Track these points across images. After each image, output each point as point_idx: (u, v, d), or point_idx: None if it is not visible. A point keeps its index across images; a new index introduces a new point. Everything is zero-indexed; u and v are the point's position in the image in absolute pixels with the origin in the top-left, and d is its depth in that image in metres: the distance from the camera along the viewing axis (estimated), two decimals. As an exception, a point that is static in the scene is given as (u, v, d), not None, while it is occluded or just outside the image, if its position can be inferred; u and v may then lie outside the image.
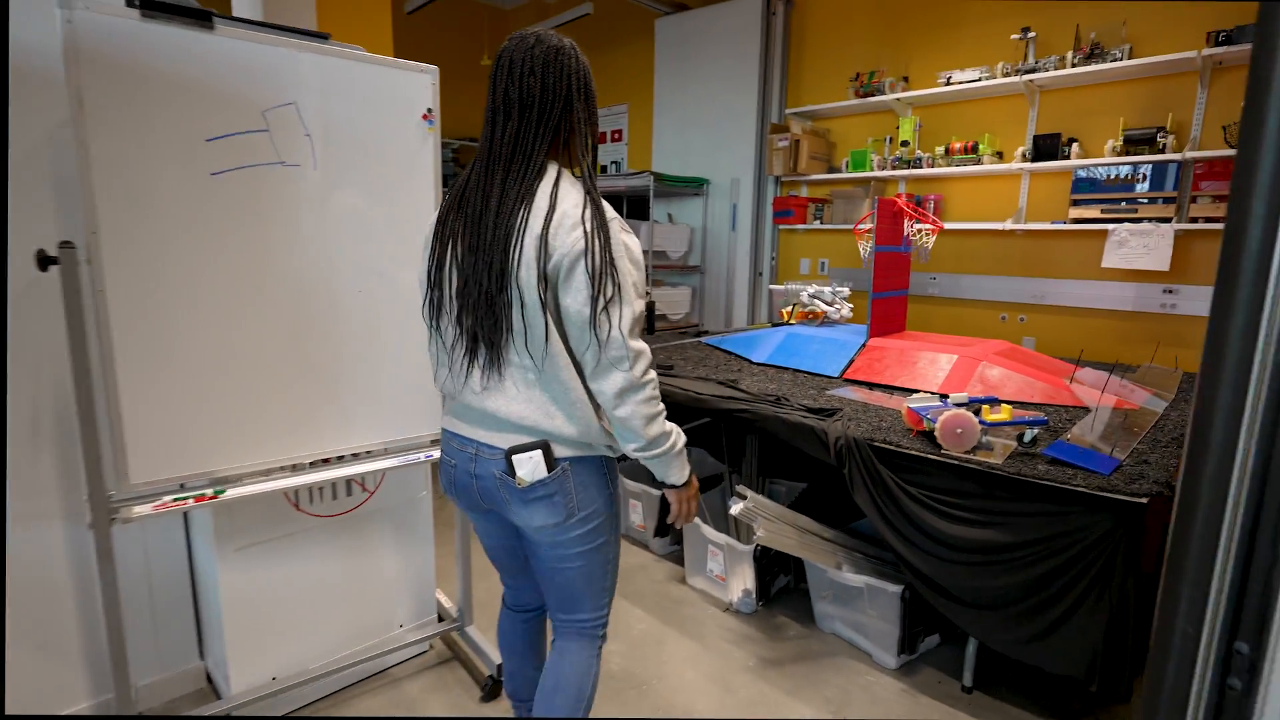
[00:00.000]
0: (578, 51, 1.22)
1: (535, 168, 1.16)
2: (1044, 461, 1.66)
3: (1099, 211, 3.26)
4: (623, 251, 1.15)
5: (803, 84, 4.45)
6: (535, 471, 1.19)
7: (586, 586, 1.32)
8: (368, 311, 1.67)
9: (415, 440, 1.79)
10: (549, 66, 1.17)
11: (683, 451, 1.25)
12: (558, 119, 1.18)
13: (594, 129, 1.25)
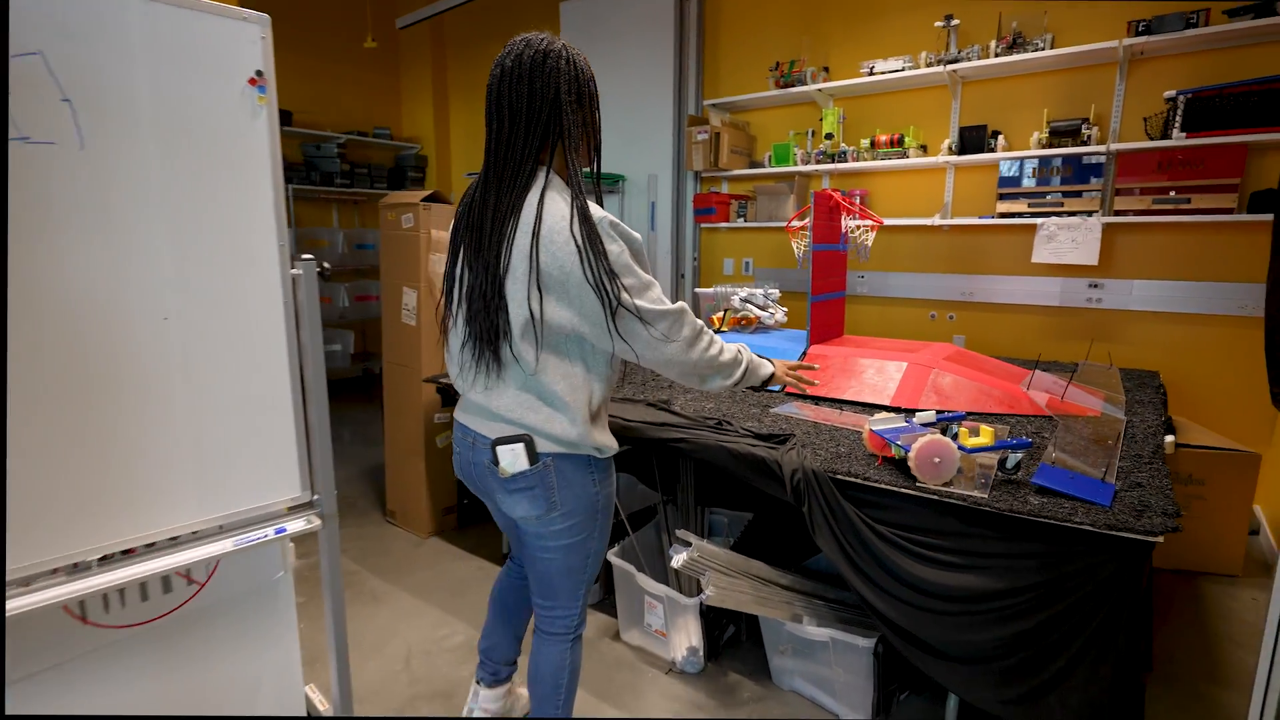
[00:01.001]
0: (569, 54, 1.21)
1: (524, 176, 1.19)
2: (1033, 492, 1.43)
3: (1026, 205, 3.18)
4: (620, 249, 1.17)
5: (720, 73, 4.21)
6: (516, 463, 1.25)
7: (564, 579, 1.37)
8: (181, 344, 1.23)
9: (263, 511, 1.36)
10: (535, 71, 1.18)
11: (751, 355, 1.38)
12: (545, 125, 1.19)
13: (591, 132, 1.26)
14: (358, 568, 2.60)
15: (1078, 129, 2.99)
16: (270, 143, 1.28)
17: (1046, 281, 3.24)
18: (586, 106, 1.24)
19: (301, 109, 5.31)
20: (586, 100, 1.24)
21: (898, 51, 3.45)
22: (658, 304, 1.19)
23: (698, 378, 1.30)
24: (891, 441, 1.55)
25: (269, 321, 1.33)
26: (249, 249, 1.28)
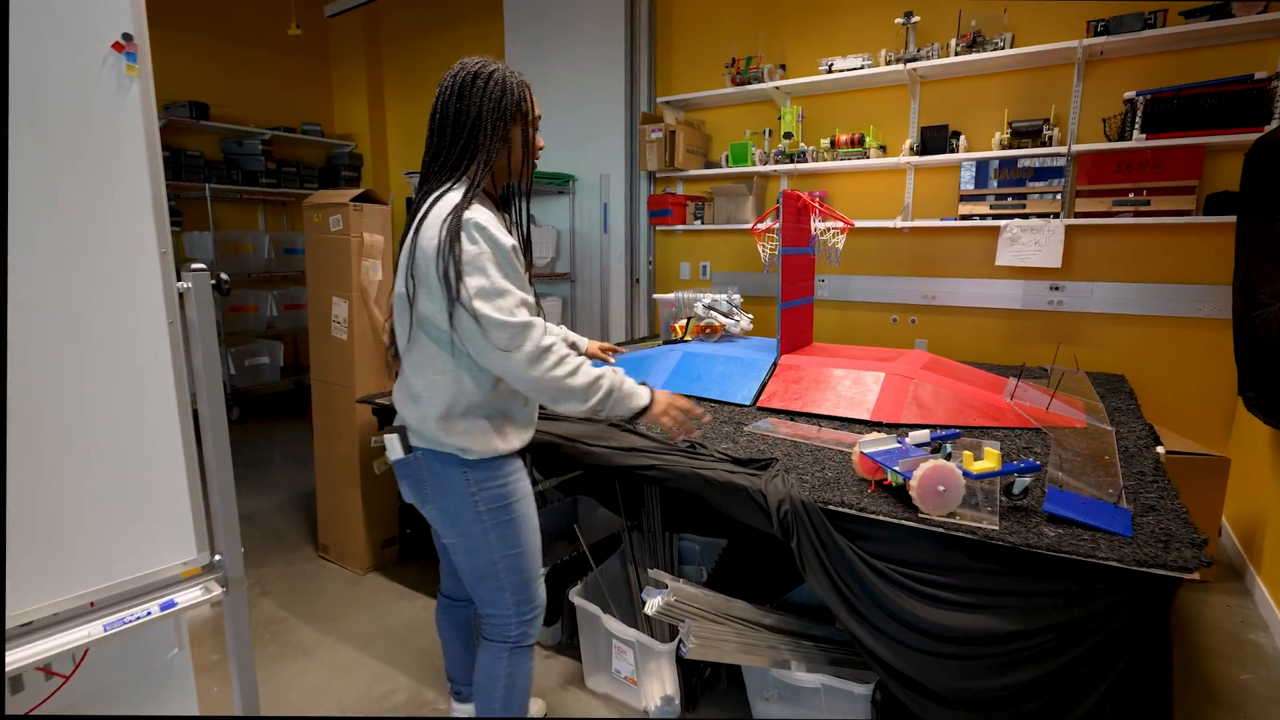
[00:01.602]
0: (501, 76, 1.29)
1: (439, 189, 1.29)
2: (1045, 520, 1.30)
3: (988, 207, 3.12)
4: (479, 251, 1.21)
5: (673, 69, 4.05)
6: (393, 451, 1.37)
7: (476, 582, 1.42)
8: (33, 378, 0.96)
9: (147, 580, 1.10)
10: (464, 91, 1.28)
11: (622, 382, 1.34)
12: (466, 140, 1.29)
13: (516, 146, 1.33)
14: (285, 614, 2.31)
15: (1039, 129, 2.94)
16: (146, 125, 1.02)
17: (1008, 284, 3.20)
18: (512, 123, 1.31)
19: (220, 101, 4.90)
20: (512, 118, 1.30)
21: (857, 49, 3.36)
22: (503, 313, 1.20)
23: (547, 397, 1.30)
24: (888, 467, 1.40)
25: (151, 346, 1.07)
26: (120, 258, 1.02)
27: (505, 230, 1.27)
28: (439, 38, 5.13)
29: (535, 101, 1.36)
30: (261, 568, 2.64)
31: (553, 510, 2.55)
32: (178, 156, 4.70)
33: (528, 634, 1.45)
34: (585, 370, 1.29)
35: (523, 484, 1.41)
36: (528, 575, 1.43)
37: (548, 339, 1.24)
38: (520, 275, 1.26)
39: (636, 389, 1.37)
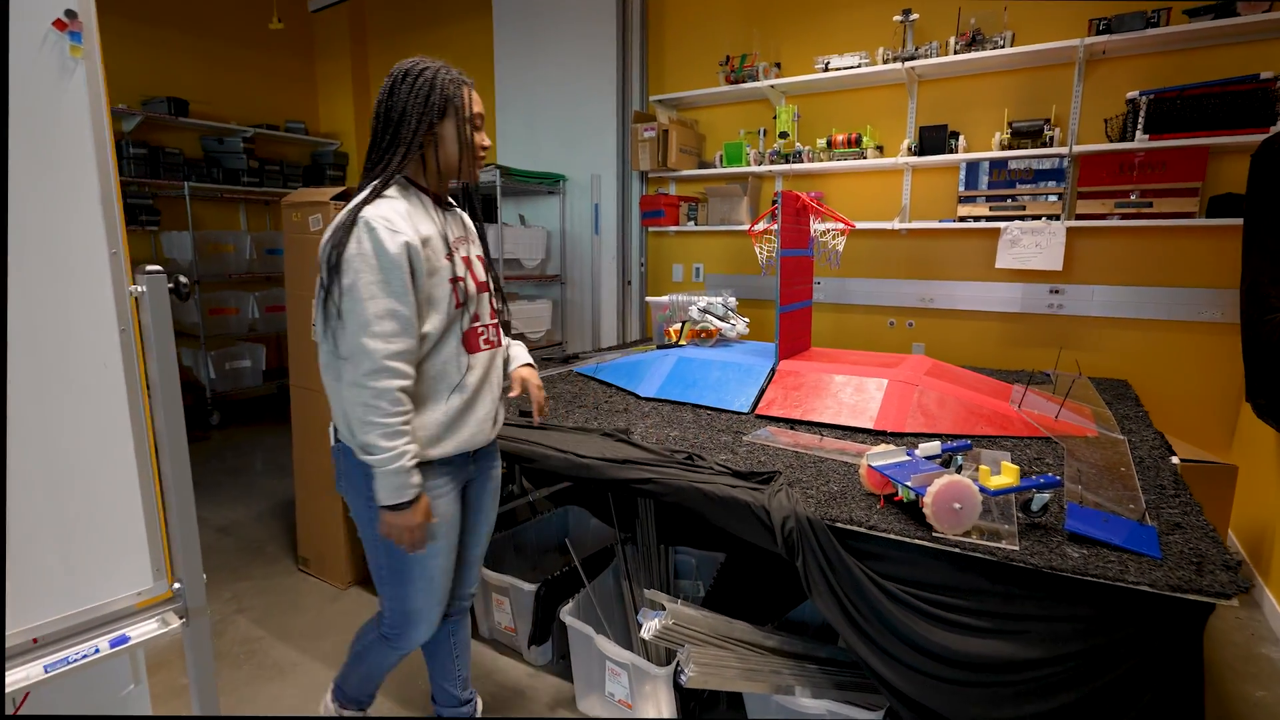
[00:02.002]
0: (426, 74, 1.29)
1: (365, 186, 1.30)
2: (1067, 539, 1.22)
3: (987, 209, 3.06)
4: (358, 253, 1.20)
5: (666, 67, 3.97)
6: (332, 439, 1.39)
7: (373, 570, 1.42)
8: (-42, 395, 0.86)
9: (96, 613, 1.00)
10: (392, 92, 1.30)
11: (401, 472, 1.23)
12: (388, 140, 1.30)
13: (444, 145, 1.32)
14: (262, 633, 2.20)
15: (1039, 130, 2.89)
16: (93, 113, 0.93)
17: (1007, 287, 3.14)
18: (440, 120, 1.30)
19: (201, 98, 4.77)
20: (440, 114, 1.30)
21: (853, 47, 3.30)
22: (368, 320, 1.19)
23: (354, 420, 1.24)
24: (899, 482, 1.32)
25: (101, 355, 0.97)
26: (64, 260, 0.92)
27: (413, 228, 1.24)
28: (426, 35, 5.02)
29: (474, 100, 1.33)
30: (238, 582, 2.53)
31: (543, 522, 2.46)
32: (156, 154, 4.57)
33: (389, 641, 1.46)
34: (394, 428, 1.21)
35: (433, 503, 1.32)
36: (404, 603, 1.40)
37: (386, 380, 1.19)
38: (401, 283, 1.20)
39: (408, 485, 1.23)
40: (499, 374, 1.46)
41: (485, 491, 1.52)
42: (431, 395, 1.31)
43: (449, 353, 1.32)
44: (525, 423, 2.00)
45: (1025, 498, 1.29)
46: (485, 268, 1.44)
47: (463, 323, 1.33)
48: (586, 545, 2.42)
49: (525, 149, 4.38)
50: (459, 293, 1.31)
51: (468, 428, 1.36)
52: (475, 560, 1.56)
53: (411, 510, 1.25)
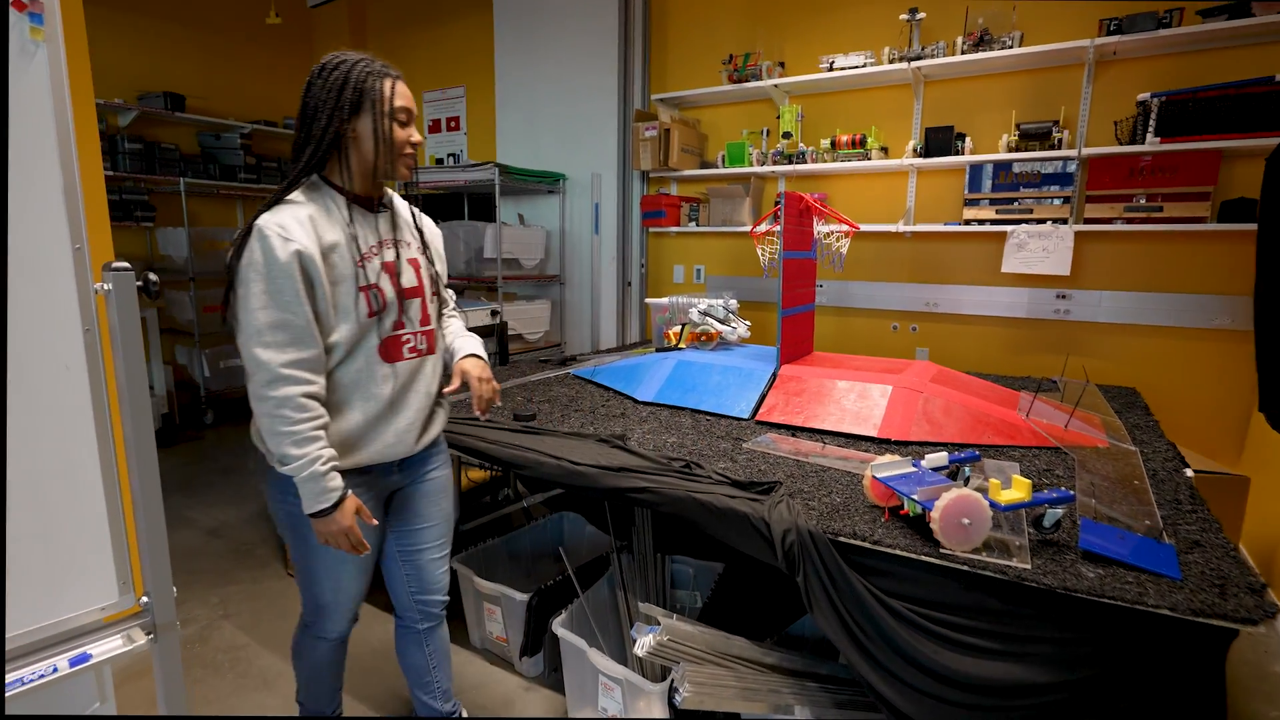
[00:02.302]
0: (342, 68, 1.23)
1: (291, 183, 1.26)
2: (1081, 558, 1.17)
3: (994, 212, 3.01)
4: (249, 262, 1.17)
5: (668, 66, 3.92)
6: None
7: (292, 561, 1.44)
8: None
9: (56, 630, 0.94)
10: (308, 89, 1.24)
11: (316, 477, 1.20)
12: (301, 140, 1.25)
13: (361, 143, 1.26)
14: (247, 640, 2.15)
15: (1048, 131, 2.83)
16: (55, 100, 0.87)
17: (1013, 292, 3.09)
18: (355, 116, 1.24)
19: (198, 93, 4.72)
20: (354, 110, 1.23)
21: (859, 46, 3.24)
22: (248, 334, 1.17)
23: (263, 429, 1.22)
24: (905, 495, 1.27)
25: (63, 356, 0.92)
26: (23, 256, 0.87)
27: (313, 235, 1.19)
28: (426, 32, 4.97)
29: (398, 94, 1.27)
30: (225, 586, 2.47)
31: (538, 528, 2.41)
32: (152, 149, 4.52)
33: (309, 628, 1.48)
34: (304, 435, 1.18)
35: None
36: (315, 597, 1.43)
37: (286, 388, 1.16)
38: (293, 293, 1.16)
39: (326, 489, 1.20)
40: (431, 382, 1.40)
41: (420, 495, 1.47)
42: (344, 404, 1.28)
43: (362, 362, 1.28)
44: (517, 426, 1.95)
45: (1037, 513, 1.24)
46: (421, 272, 1.37)
47: (380, 330, 1.29)
48: (582, 553, 2.36)
49: (525, 147, 4.33)
50: (371, 301, 1.26)
51: (384, 438, 1.32)
52: (429, 564, 1.51)
53: (337, 514, 1.21)
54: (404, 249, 1.35)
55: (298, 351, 1.18)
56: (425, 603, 1.53)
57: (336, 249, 1.23)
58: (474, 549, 2.15)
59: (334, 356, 1.26)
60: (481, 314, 3.38)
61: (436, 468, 1.50)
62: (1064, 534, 1.25)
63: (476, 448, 1.83)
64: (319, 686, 1.57)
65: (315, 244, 1.20)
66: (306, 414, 1.19)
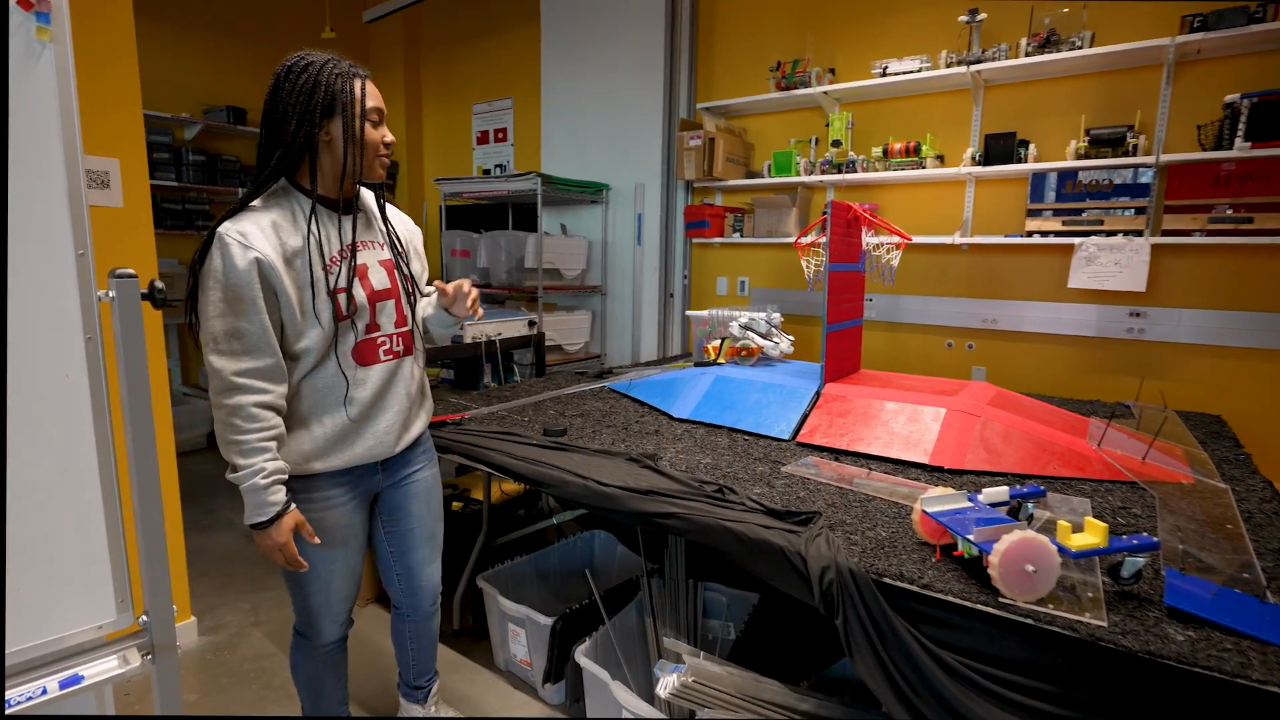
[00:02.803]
0: (311, 69, 1.21)
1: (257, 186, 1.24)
2: (1167, 616, 1.02)
3: (1060, 224, 2.81)
4: (209, 269, 1.17)
5: (715, 74, 3.84)
6: None
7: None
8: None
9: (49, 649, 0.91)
10: (273, 91, 1.22)
11: (256, 490, 1.19)
12: (268, 144, 1.23)
13: (333, 146, 1.24)
14: (274, 649, 2.13)
15: (1122, 137, 2.63)
16: (61, 102, 0.85)
17: (1081, 309, 2.88)
18: (326, 119, 1.22)
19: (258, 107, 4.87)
20: (325, 112, 1.21)
21: (914, 50, 3.10)
22: (207, 341, 1.17)
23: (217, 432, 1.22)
24: (959, 535, 1.14)
25: (64, 365, 0.89)
26: (26, 261, 0.84)
27: (275, 242, 1.19)
28: (477, 44, 5.04)
29: (369, 94, 1.26)
30: (258, 592, 2.48)
31: (568, 546, 2.33)
32: (214, 161, 4.70)
33: (302, 635, 1.48)
34: (250, 445, 1.19)
35: (315, 515, 1.31)
36: (304, 601, 1.41)
37: (238, 396, 1.17)
38: (250, 301, 1.16)
39: (265, 503, 1.19)
40: (410, 383, 1.41)
41: (407, 496, 1.49)
42: (319, 411, 1.28)
43: (337, 366, 1.28)
44: (547, 442, 1.88)
45: (1114, 560, 1.09)
46: (394, 273, 1.37)
47: (353, 334, 1.29)
48: (612, 574, 2.28)
49: (570, 158, 4.31)
50: (340, 305, 1.25)
51: (363, 442, 1.34)
52: (418, 564, 1.54)
53: (274, 529, 1.21)
54: (374, 250, 1.34)
55: (252, 361, 1.19)
56: (416, 599, 1.58)
57: (301, 254, 1.22)
58: (500, 567, 2.09)
59: (305, 362, 1.26)
60: (518, 324, 3.35)
61: (421, 468, 1.52)
62: (1145, 585, 1.10)
63: (503, 464, 1.77)
64: (323, 700, 1.54)
65: (278, 251, 1.20)
66: (256, 424, 1.19)
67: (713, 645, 1.82)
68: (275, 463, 1.21)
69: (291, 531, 1.24)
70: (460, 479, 2.99)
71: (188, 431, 4.35)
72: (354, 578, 1.45)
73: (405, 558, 1.54)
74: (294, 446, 1.29)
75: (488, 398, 2.49)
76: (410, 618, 1.60)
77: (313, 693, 1.54)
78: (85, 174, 1.64)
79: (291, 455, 1.28)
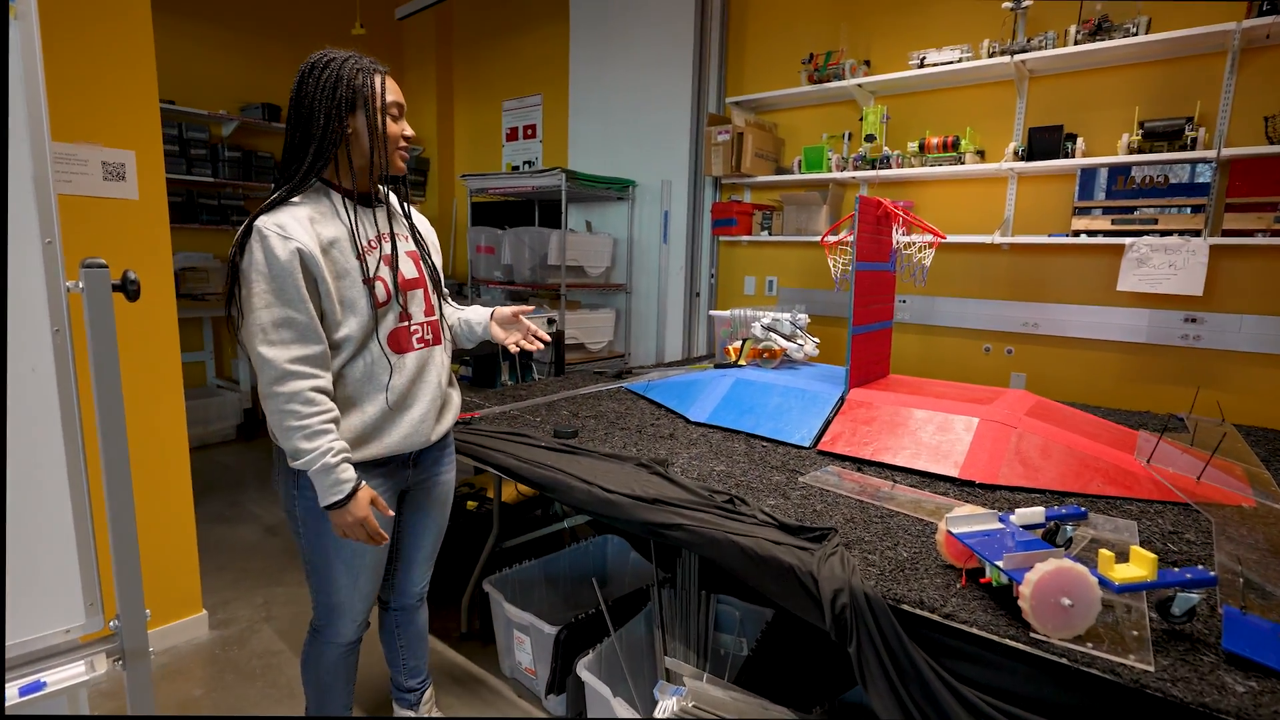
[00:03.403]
0: (332, 65, 1.24)
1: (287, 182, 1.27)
2: (1223, 661, 0.90)
3: (1109, 222, 2.64)
4: (251, 263, 1.18)
5: (745, 67, 3.74)
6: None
7: (303, 562, 1.42)
8: None
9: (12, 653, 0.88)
10: (299, 89, 1.25)
11: (327, 469, 1.19)
12: (300, 140, 1.25)
13: (358, 140, 1.26)
14: (282, 647, 2.12)
15: (1179, 130, 2.45)
16: (27, 81, 0.81)
17: (1131, 313, 2.70)
18: (350, 114, 1.24)
19: (291, 104, 4.93)
20: (349, 107, 1.24)
21: (953, 40, 2.96)
22: (254, 332, 1.18)
23: (272, 423, 1.22)
24: (987, 560, 1.04)
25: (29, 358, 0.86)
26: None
27: (311, 233, 1.21)
28: (508, 41, 5.02)
29: (389, 89, 1.28)
30: (272, 587, 2.47)
31: (580, 551, 2.27)
32: (249, 157, 4.76)
33: (319, 633, 1.46)
34: (313, 428, 1.19)
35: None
36: (328, 596, 1.40)
37: (293, 383, 1.18)
38: (295, 290, 1.18)
39: (339, 481, 1.20)
40: (441, 371, 1.42)
41: (429, 497, 1.51)
42: (358, 399, 1.29)
43: (374, 354, 1.29)
44: (555, 444, 1.82)
45: (1164, 595, 0.98)
46: (420, 264, 1.39)
47: (387, 322, 1.30)
48: (624, 581, 2.21)
49: (598, 155, 4.24)
50: (379, 292, 1.28)
51: (399, 430, 1.34)
52: (420, 561, 1.57)
53: (351, 505, 1.22)
54: (401, 242, 1.36)
55: (303, 348, 1.20)
56: (408, 594, 1.58)
57: (337, 244, 1.25)
58: (508, 570, 2.04)
59: (344, 351, 1.27)
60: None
61: (445, 470, 1.53)
62: (1200, 625, 0.98)
63: (508, 465, 1.72)
64: (329, 701, 1.51)
65: (315, 241, 1.21)
66: (315, 408, 1.19)
67: (724, 661, 1.73)
68: (339, 442, 1.22)
69: (369, 505, 1.24)
70: (477, 478, 2.95)
71: (218, 423, 4.42)
72: (379, 575, 1.45)
73: (409, 554, 1.55)
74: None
75: (502, 396, 2.44)
76: (395, 608, 1.60)
77: (319, 693, 1.52)
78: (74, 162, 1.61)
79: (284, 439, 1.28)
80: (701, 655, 1.67)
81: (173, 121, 4.36)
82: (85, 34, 1.78)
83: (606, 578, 2.28)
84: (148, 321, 1.98)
